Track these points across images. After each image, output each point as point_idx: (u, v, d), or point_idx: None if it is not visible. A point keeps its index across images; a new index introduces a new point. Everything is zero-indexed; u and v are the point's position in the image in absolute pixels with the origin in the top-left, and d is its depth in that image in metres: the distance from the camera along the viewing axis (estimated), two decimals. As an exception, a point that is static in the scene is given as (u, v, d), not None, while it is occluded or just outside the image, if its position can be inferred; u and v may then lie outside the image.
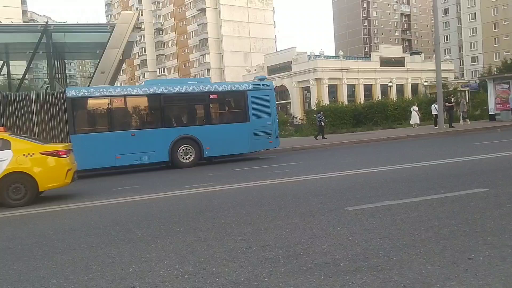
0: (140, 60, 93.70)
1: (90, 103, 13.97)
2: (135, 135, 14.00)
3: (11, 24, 22.25)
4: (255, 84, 15.75)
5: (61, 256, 4.61)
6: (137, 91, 14.78)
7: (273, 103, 15.71)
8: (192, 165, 14.35)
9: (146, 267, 4.00)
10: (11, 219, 7.24)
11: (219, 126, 15.05)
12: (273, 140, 15.63)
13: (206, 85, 14.98)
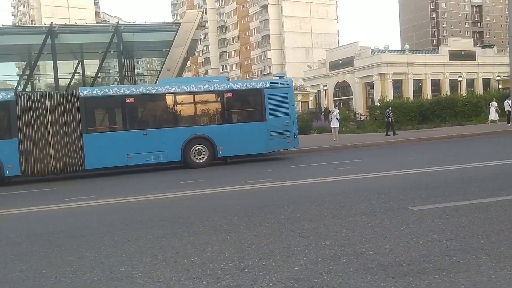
0: (203, 57, 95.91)
1: (102, 102, 14.08)
2: (147, 135, 13.84)
3: (86, 26, 23.66)
4: (272, 81, 15.36)
5: (128, 245, 4.85)
6: (150, 90, 14.38)
7: (292, 101, 15.11)
8: (205, 165, 14.08)
9: (208, 259, 4.11)
10: (84, 210, 7.72)
11: (234, 125, 14.74)
12: (292, 140, 14.94)
13: (220, 84, 14.68)
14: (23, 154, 12.71)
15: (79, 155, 13.14)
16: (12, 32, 21.07)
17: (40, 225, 6.52)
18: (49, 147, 12.91)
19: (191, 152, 14.11)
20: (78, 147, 13.13)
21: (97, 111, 14.13)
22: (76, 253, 4.67)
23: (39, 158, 12.84)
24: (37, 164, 12.84)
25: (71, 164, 13.11)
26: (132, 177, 12.91)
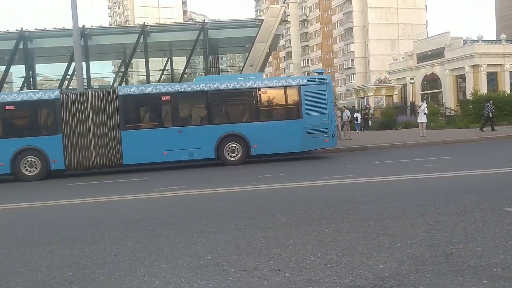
0: (285, 52, 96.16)
1: (139, 100, 14.47)
2: (181, 132, 14.01)
3: (174, 24, 24.79)
4: (310, 78, 15.09)
5: (214, 234, 5.06)
6: (185, 88, 14.43)
7: (330, 98, 14.55)
8: (239, 163, 14.04)
9: (290, 252, 4.17)
10: (173, 199, 8.16)
11: (268, 123, 14.49)
12: (329, 138, 14.38)
13: (255, 81, 14.45)
14: (66, 150, 13.51)
15: (117, 151, 13.72)
16: (109, 32, 22.74)
17: (134, 211, 7.01)
18: (90, 143, 13.59)
19: (224, 150, 14.14)
20: (116, 143, 13.70)
21: (134, 109, 14.63)
22: (166, 239, 4.97)
23: (81, 153, 13.57)
24: (79, 159, 13.58)
25: (110, 159, 13.75)
26: (216, 170, 13.36)
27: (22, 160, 13.39)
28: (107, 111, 13.67)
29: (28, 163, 13.41)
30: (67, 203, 8.47)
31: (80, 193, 10.05)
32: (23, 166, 13.42)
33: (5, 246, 5.17)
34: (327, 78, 14.75)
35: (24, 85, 22.36)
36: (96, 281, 3.71)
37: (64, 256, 4.55)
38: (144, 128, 14.48)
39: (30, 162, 13.41)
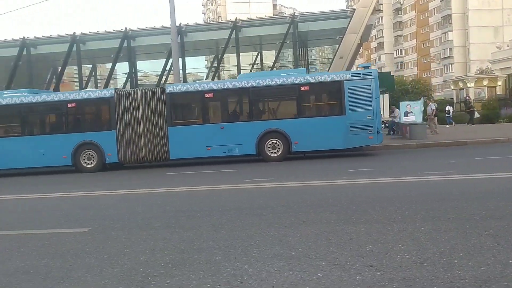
0: (376, 43, 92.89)
1: (185, 97, 14.79)
2: (224, 128, 14.17)
3: (264, 19, 25.07)
4: (354, 73, 14.50)
5: (304, 227, 5.10)
6: (227, 85, 14.85)
7: (375, 94, 13.76)
8: (280, 159, 13.90)
9: (383, 249, 4.08)
10: (262, 190, 8.34)
11: (309, 119, 14.11)
12: (374, 135, 13.68)
13: (297, 77, 14.15)
14: (119, 144, 14.35)
15: (164, 146, 14.27)
16: (203, 28, 23.68)
17: (227, 201, 7.28)
18: (140, 138, 14.29)
19: (265, 146, 14.09)
20: (164, 139, 14.25)
21: (180, 106, 15.07)
22: (258, 229, 5.11)
23: (132, 148, 14.35)
24: (131, 153, 14.37)
25: (158, 154, 14.36)
26: (302, 164, 13.38)
27: (81, 154, 14.51)
28: (156, 108, 14.32)
29: (86, 156, 14.50)
30: (165, 191, 9.04)
31: (177, 182, 10.66)
32: (82, 159, 14.52)
33: (113, 229, 5.67)
34: (373, 72, 14.16)
35: (128, 81, 24.11)
36: (194, 265, 3.93)
37: (165, 241, 4.88)
38: (189, 124, 14.77)
39: (88, 155, 14.49)
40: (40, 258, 4.48)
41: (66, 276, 3.84)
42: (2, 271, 4.12)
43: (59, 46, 22.90)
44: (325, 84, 14.35)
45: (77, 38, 22.24)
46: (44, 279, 3.80)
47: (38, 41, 23.01)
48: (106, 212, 7.10)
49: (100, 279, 3.72)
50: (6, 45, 23.37)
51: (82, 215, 6.91)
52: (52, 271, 4.02)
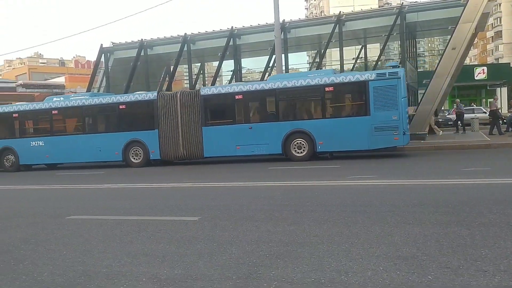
0: (493, 32, 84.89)
1: (217, 99, 15.70)
2: (252, 128, 14.83)
3: (370, 11, 24.22)
4: (379, 73, 14.10)
5: (412, 227, 4.91)
6: (256, 87, 15.21)
7: (401, 94, 13.38)
8: (306, 159, 14.11)
9: (500, 254, 3.78)
10: (366, 188, 8.16)
11: (334, 120, 14.28)
12: (400, 136, 13.35)
13: (322, 78, 14.27)
14: (161, 142, 15.80)
15: (199, 145, 15.40)
16: (306, 24, 23.56)
17: (329, 197, 7.25)
18: (178, 137, 15.64)
19: (291, 146, 14.44)
20: (198, 138, 15.40)
21: (213, 107, 15.82)
22: (362, 227, 5.03)
23: (172, 146, 15.74)
24: (171, 151, 15.76)
25: (193, 152, 15.55)
26: (406, 161, 12.79)
27: (130, 150, 16.33)
28: (192, 109, 15.54)
29: (134, 153, 16.34)
30: (268, 184, 9.26)
31: (279, 176, 10.85)
32: (131, 155, 16.35)
33: (221, 219, 5.97)
34: (399, 72, 13.64)
35: (233, 78, 24.99)
36: (298, 259, 4.00)
37: (269, 233, 5.03)
38: (221, 124, 15.43)
39: (135, 152, 16.33)
40: (157, 243, 4.88)
41: (180, 261, 4.15)
42: (125, 252, 4.57)
43: (172, 46, 24.44)
44: (350, 85, 14.43)
45: (188, 38, 23.56)
46: (161, 262, 4.15)
47: (154, 42, 24.82)
48: (213, 202, 7.49)
49: (211, 266, 3.95)
50: (126, 47, 25.58)
51: (192, 204, 7.37)
52: (167, 255, 4.36)
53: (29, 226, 6.38)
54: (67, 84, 62.12)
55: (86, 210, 7.52)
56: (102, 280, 3.74)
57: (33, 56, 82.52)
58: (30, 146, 17.73)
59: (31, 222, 6.66)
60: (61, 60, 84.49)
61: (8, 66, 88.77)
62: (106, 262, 4.25)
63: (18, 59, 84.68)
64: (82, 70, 73.66)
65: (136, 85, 24.63)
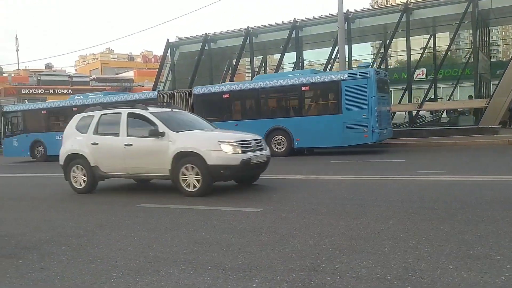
0: None
1: (207, 98, 16.85)
2: (237, 125, 15.10)
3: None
4: (351, 73, 14.83)
5: (484, 225, 4.67)
6: (241, 86, 16.43)
7: (371, 93, 13.81)
8: (284, 155, 14.81)
9: None
10: (434, 183, 7.84)
11: (309, 118, 15.05)
12: (369, 134, 13.82)
13: (300, 78, 15.09)
14: None
15: None
16: (371, 14, 22.85)
17: (395, 192, 7.05)
18: None
19: (272, 142, 14.98)
20: None
21: (204, 105, 16.60)
22: (430, 224, 4.86)
23: None
24: None
25: None
26: (477, 156, 12.12)
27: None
28: (186, 107, 15.60)
29: None
30: (328, 178, 9.17)
31: (341, 170, 10.70)
32: None
33: (283, 211, 6.01)
34: (369, 72, 14.11)
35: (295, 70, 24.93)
36: (362, 254, 3.95)
37: (332, 226, 4.99)
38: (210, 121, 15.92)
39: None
40: (221, 232, 5.01)
41: (243, 251, 4.23)
42: (191, 240, 4.73)
43: (234, 39, 24.78)
44: (324, 84, 14.97)
45: (250, 32, 23.76)
46: (226, 251, 4.25)
47: (217, 36, 25.28)
48: (275, 194, 7.55)
49: (274, 257, 4.00)
50: (191, 41, 26.26)
51: (253, 196, 7.46)
52: (231, 245, 4.46)
53: (103, 212, 6.79)
54: (136, 78, 64.89)
55: (152, 199, 7.84)
56: (170, 266, 3.90)
57: (105, 51, 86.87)
58: (56, 139, 18.31)
59: (104, 209, 7.07)
60: (130, 55, 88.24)
61: (83, 61, 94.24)
62: (174, 249, 4.43)
63: (91, 55, 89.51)
64: (149, 64, 76.62)
65: (200, 79, 25.26)
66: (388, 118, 15.80)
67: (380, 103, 14.26)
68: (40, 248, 4.76)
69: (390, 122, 16.50)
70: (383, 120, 14.72)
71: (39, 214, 6.96)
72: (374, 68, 15.48)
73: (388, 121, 15.68)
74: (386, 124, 15.07)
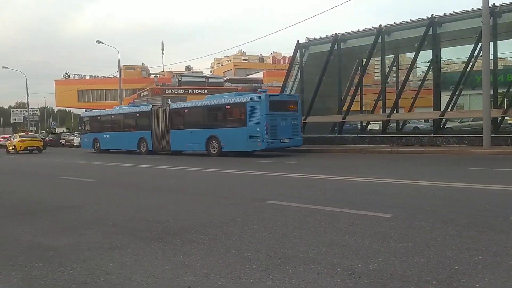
0: None
1: (177, 112, 23.36)
2: (192, 133, 21.68)
3: None
4: (252, 96, 20.03)
5: None
6: (193, 104, 23.58)
7: (263, 112, 18.50)
8: (217, 156, 20.06)
9: None
10: None
11: (229, 129, 19.90)
12: (261, 143, 18.63)
13: (223, 99, 20.85)
14: (153, 139, 24.23)
15: (169, 142, 23.20)
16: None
17: None
18: (160, 137, 23.81)
19: (210, 146, 20.79)
20: (168, 137, 23.23)
21: (175, 117, 23.30)
22: None
23: (157, 142, 24.06)
24: (157, 145, 24.11)
25: (166, 146, 23.33)
26: None
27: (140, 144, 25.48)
28: (165, 118, 23.51)
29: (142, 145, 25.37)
30: (462, 186, 8.44)
31: (482, 178, 9.79)
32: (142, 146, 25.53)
33: (416, 219, 5.71)
34: (261, 96, 19.37)
35: (430, 69, 23.44)
36: (510, 271, 3.57)
37: (472, 239, 4.60)
38: (178, 129, 22.83)
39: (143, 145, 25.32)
40: (350, 235, 4.95)
41: (374, 257, 4.12)
42: (320, 241, 4.77)
43: (365, 39, 24.19)
44: (238, 104, 19.95)
45: (383, 30, 22.97)
46: (355, 255, 4.19)
47: (348, 36, 24.93)
48: (404, 200, 7.21)
49: (407, 266, 3.83)
50: (320, 42, 26.31)
51: (382, 201, 7.22)
52: (361, 249, 4.38)
53: (235, 206, 7.18)
54: (265, 79, 67.12)
55: (280, 196, 8.05)
56: (300, 264, 3.98)
57: (237, 53, 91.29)
58: (104, 137, 28.35)
59: (235, 203, 7.48)
60: (260, 56, 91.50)
61: (217, 63, 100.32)
62: (303, 248, 4.51)
63: (225, 57, 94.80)
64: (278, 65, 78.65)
65: (328, 79, 25.15)
66: (287, 130, 19.39)
67: (274, 119, 18.61)
68: (182, 235, 5.22)
69: (295, 133, 19.84)
70: (279, 132, 18.96)
71: (178, 204, 7.63)
72: (267, 94, 21.03)
73: (287, 133, 19.37)
74: (283, 136, 19.16)
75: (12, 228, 6.04)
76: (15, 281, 3.81)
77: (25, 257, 4.55)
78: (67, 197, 9.20)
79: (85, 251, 4.66)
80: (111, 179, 13.06)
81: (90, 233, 5.56)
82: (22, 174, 15.99)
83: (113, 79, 57.93)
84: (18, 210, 7.60)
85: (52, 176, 14.23)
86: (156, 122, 23.94)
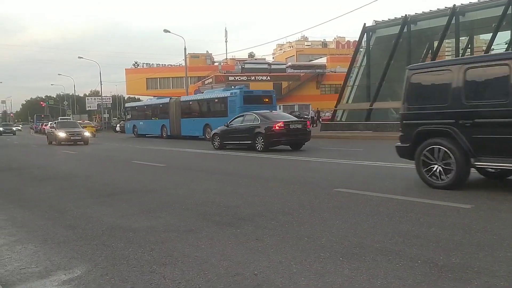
0: None
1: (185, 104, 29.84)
2: (194, 121, 27.51)
3: None
4: (231, 91, 24.96)
5: None
6: (196, 97, 29.93)
7: (238, 104, 23.29)
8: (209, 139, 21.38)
9: None
10: None
11: (217, 118, 23.94)
12: None
13: (214, 94, 27.52)
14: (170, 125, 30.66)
15: (179, 128, 29.18)
16: None
17: None
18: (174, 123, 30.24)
19: (206, 131, 25.47)
20: (179, 125, 29.22)
21: (183, 108, 29.25)
22: None
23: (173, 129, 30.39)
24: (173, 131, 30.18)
25: (178, 132, 29.46)
26: None
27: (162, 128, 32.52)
28: (178, 109, 29.51)
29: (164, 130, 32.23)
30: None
31: None
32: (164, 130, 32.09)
33: (497, 209, 5.36)
34: (237, 92, 24.23)
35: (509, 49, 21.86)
36: None
37: None
38: (185, 117, 28.60)
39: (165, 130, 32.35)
40: (427, 226, 4.74)
41: (456, 249, 3.92)
42: (395, 231, 4.60)
43: (437, 20, 22.96)
44: (222, 99, 25.26)
45: (457, 10, 21.68)
46: (435, 247, 4.00)
47: (418, 17, 23.79)
48: (484, 190, 6.79)
49: (494, 260, 3.60)
50: (389, 24, 25.33)
51: (459, 191, 6.84)
52: (441, 241, 4.19)
53: (304, 194, 7.12)
54: (328, 65, 65.93)
55: (350, 184, 7.88)
56: (376, 254, 3.87)
57: (299, 39, 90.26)
58: (140, 124, 35.05)
59: (305, 191, 7.42)
60: (323, 41, 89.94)
61: (280, 49, 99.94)
62: (377, 238, 4.38)
63: (287, 43, 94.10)
64: (342, 50, 76.83)
65: (396, 63, 24.21)
66: None
67: (247, 110, 19.43)
68: (253, 220, 5.27)
69: None
70: None
71: (247, 190, 7.69)
72: (242, 90, 24.73)
73: None
74: None
75: (97, 209, 6.41)
76: (100, 259, 4.03)
77: (107, 237, 4.80)
78: (142, 181, 9.60)
79: (162, 233, 4.84)
80: (179, 164, 13.48)
81: (165, 215, 5.76)
82: (98, 160, 16.93)
83: (179, 67, 59.52)
84: (101, 192, 8.03)
85: (127, 161, 14.94)
86: (172, 112, 30.35)
